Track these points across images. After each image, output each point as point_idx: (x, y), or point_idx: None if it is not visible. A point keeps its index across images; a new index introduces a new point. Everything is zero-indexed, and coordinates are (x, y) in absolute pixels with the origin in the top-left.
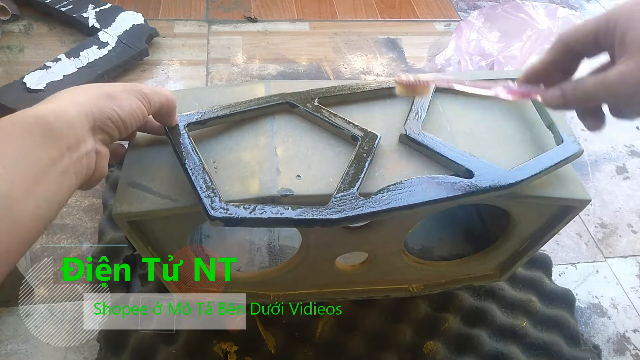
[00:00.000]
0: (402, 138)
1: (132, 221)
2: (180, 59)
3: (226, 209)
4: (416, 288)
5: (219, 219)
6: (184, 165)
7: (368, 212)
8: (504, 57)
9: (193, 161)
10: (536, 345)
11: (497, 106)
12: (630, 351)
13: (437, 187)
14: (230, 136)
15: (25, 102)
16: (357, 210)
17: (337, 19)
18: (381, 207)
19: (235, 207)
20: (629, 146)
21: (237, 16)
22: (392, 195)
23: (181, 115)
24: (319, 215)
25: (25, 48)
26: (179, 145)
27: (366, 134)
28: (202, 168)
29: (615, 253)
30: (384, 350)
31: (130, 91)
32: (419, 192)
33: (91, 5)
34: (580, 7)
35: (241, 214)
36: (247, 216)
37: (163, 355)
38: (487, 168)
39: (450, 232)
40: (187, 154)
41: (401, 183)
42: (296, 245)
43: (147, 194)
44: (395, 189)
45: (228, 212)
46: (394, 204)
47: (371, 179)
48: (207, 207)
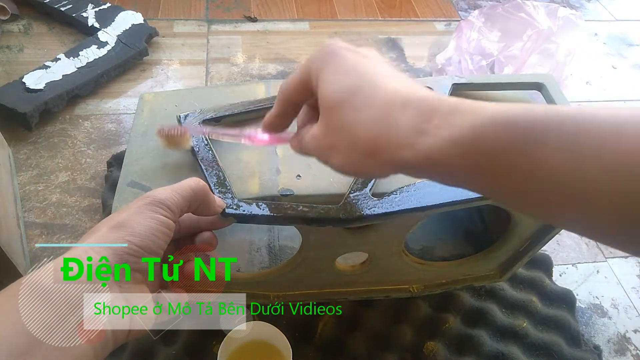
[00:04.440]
0: None
1: None
2: (180, 59)
3: (239, 205)
4: (416, 288)
5: (232, 215)
6: (198, 160)
7: (382, 213)
8: (505, 57)
9: (207, 157)
10: (537, 345)
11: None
12: (631, 351)
13: (449, 190)
14: None
15: (24, 102)
16: (371, 210)
17: (337, 19)
18: (394, 208)
19: (247, 204)
20: None
21: (237, 16)
22: (405, 196)
23: (194, 114)
24: (333, 214)
25: (25, 48)
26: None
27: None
28: (216, 164)
29: (616, 253)
30: (384, 351)
31: (142, 207)
32: (432, 195)
33: (91, 5)
34: (580, 6)
35: (254, 210)
36: (259, 213)
37: (163, 356)
38: None
39: (451, 233)
40: (201, 149)
41: (414, 185)
42: (296, 245)
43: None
44: (408, 191)
45: (241, 209)
46: (407, 205)
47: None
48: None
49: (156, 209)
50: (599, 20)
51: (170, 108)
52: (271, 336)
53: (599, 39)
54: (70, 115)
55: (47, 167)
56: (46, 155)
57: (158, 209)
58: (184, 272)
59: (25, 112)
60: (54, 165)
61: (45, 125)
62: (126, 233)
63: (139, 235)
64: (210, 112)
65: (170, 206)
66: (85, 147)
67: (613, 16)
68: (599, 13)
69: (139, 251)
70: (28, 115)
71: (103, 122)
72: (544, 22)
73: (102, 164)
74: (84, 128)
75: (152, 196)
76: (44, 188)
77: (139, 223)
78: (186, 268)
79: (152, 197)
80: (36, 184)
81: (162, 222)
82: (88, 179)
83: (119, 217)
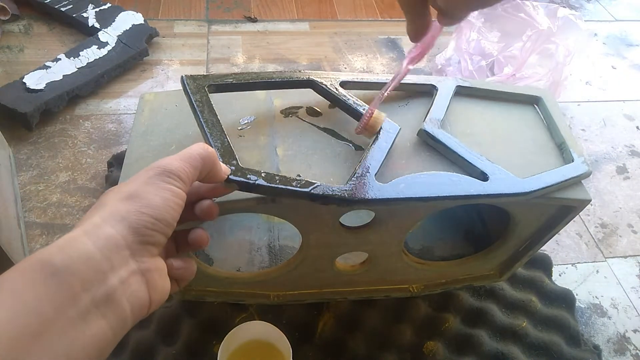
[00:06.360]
0: (421, 133)
1: None
2: (180, 59)
3: (245, 173)
4: (416, 288)
5: (236, 182)
6: (200, 122)
7: (384, 198)
8: (504, 57)
9: (211, 119)
10: (536, 345)
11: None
12: (631, 351)
13: (453, 184)
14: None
15: (25, 102)
16: (373, 194)
17: (337, 19)
18: (397, 195)
19: (252, 174)
20: (629, 146)
21: (237, 16)
22: (408, 185)
23: (199, 76)
24: (336, 193)
25: (25, 48)
26: (197, 102)
27: (387, 124)
28: (220, 129)
29: (616, 253)
30: (384, 350)
31: (153, 177)
32: (434, 186)
33: (91, 5)
34: (580, 6)
35: (258, 180)
36: (263, 184)
37: (163, 356)
38: (501, 174)
39: (451, 232)
40: (204, 110)
41: (419, 175)
42: (296, 245)
43: None
44: (412, 180)
45: (246, 177)
46: (409, 194)
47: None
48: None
49: (167, 179)
50: (598, 21)
51: (171, 108)
52: (271, 336)
53: (599, 39)
54: (70, 116)
55: (47, 167)
56: (46, 155)
57: (169, 179)
58: (188, 242)
59: (26, 112)
60: (54, 165)
61: (46, 126)
62: (140, 205)
63: (154, 207)
64: (229, 78)
65: (181, 176)
66: (85, 147)
67: (613, 16)
68: (599, 13)
69: (156, 223)
70: (28, 116)
71: (103, 122)
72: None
73: (103, 164)
74: (85, 128)
75: (161, 166)
76: (44, 188)
77: (153, 194)
78: (190, 236)
79: (162, 167)
80: (37, 184)
81: (175, 193)
82: (88, 179)
83: (129, 188)
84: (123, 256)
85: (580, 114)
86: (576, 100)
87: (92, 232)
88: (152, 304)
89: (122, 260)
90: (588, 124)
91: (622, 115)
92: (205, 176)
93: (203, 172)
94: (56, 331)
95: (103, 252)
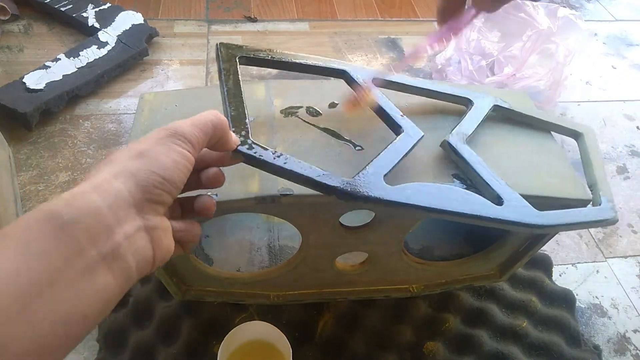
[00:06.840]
0: (444, 145)
1: None
2: (180, 59)
3: (252, 146)
4: (416, 288)
5: (242, 153)
6: (222, 89)
7: (388, 200)
8: (504, 57)
9: (233, 88)
10: (536, 345)
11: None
12: (631, 351)
13: (465, 202)
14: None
15: (25, 102)
16: (378, 194)
17: (337, 19)
18: (401, 200)
19: (261, 149)
20: (629, 146)
21: (237, 16)
22: (415, 192)
23: (233, 45)
24: (340, 185)
25: (25, 48)
26: (224, 70)
27: (411, 128)
28: (241, 100)
29: (616, 253)
30: (384, 351)
31: (165, 138)
32: (445, 200)
33: (91, 5)
34: (580, 6)
35: (265, 156)
36: (269, 161)
37: (163, 356)
38: (517, 202)
39: (451, 232)
40: (229, 79)
41: (430, 185)
42: (296, 245)
43: None
44: (421, 188)
45: (253, 150)
46: (414, 201)
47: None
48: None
49: (178, 142)
50: (598, 20)
51: (171, 108)
52: (271, 336)
53: (599, 39)
54: (70, 115)
55: (47, 167)
56: (46, 155)
57: (180, 142)
58: (194, 209)
59: (26, 112)
60: (54, 165)
61: (46, 125)
62: (150, 164)
63: (163, 167)
64: (262, 53)
65: (191, 140)
66: (85, 147)
67: (613, 16)
68: (599, 13)
69: (164, 183)
70: (28, 115)
71: (103, 122)
72: (544, 22)
73: None
74: (84, 128)
75: (173, 128)
76: (44, 188)
77: (164, 154)
78: (196, 204)
79: (173, 130)
80: (36, 184)
81: (184, 156)
82: None
83: (139, 147)
84: (129, 212)
85: (580, 114)
86: (576, 100)
87: (101, 186)
88: (155, 261)
89: (129, 216)
90: (588, 124)
91: (622, 115)
92: (215, 144)
93: (213, 139)
94: (65, 282)
95: (111, 208)
